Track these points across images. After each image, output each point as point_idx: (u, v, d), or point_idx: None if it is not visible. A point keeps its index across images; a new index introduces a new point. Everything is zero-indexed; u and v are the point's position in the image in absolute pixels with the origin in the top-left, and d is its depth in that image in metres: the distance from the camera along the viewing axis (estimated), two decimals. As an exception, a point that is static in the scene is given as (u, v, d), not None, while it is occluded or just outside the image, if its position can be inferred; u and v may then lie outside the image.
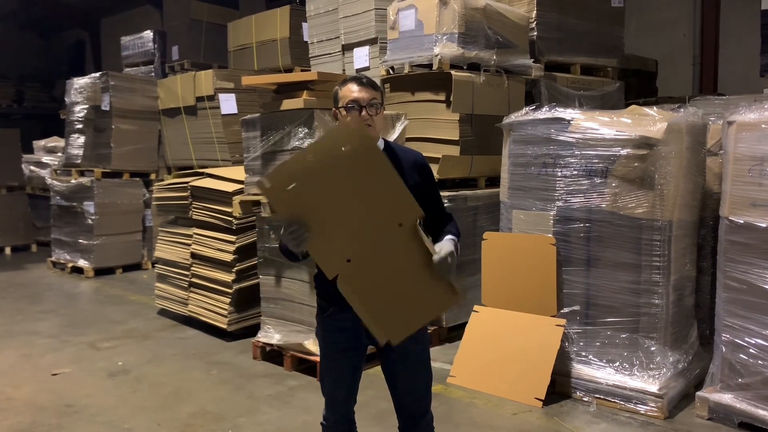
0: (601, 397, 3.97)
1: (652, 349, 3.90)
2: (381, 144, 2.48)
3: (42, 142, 11.16)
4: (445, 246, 2.29)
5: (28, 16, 15.66)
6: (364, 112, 2.41)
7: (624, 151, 3.87)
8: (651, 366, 3.88)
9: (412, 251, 2.27)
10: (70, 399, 4.21)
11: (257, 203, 4.83)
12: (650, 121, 3.90)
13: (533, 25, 5.97)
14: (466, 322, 4.60)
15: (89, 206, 8.11)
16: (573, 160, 4.08)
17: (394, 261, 2.28)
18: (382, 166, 2.17)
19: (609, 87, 6.63)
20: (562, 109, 4.25)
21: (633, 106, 4.33)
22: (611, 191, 3.93)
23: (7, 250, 9.98)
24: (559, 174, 4.14)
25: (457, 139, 5.23)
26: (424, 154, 5.61)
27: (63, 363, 4.91)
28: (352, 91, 2.43)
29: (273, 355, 4.83)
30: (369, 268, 2.25)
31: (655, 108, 4.11)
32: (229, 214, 5.25)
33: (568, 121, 4.13)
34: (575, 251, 4.12)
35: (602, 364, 4.05)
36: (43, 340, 5.54)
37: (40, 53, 16.96)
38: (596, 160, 3.98)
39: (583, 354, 4.12)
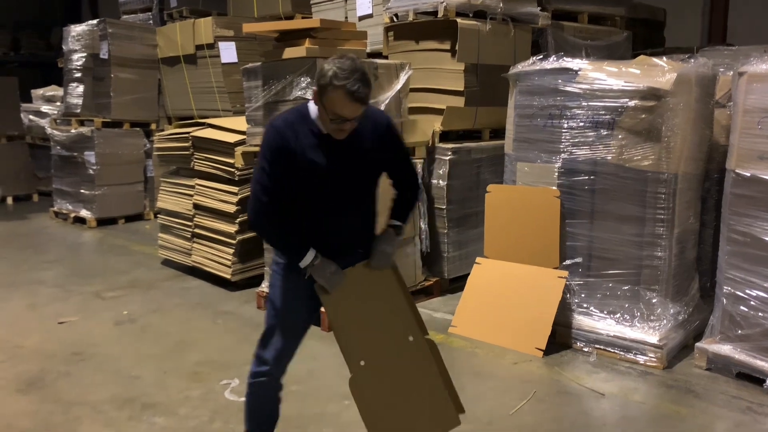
0: (602, 347, 4.02)
1: (653, 301, 3.93)
2: None
3: (40, 91, 11.00)
4: (383, 246, 2.49)
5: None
6: (346, 125, 2.25)
7: (632, 103, 3.82)
8: (651, 317, 3.92)
9: (418, 366, 2.52)
10: (77, 347, 4.27)
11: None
12: (659, 72, 3.83)
13: (541, -29, 5.83)
14: (467, 274, 4.63)
15: (90, 156, 8.06)
16: (579, 112, 4.03)
17: (401, 373, 2.50)
18: (400, 290, 2.53)
19: (616, 37, 6.52)
20: (569, 59, 4.18)
21: (641, 57, 4.25)
22: (617, 143, 3.90)
23: (9, 200, 9.96)
24: (565, 126, 4.09)
25: (462, 89, 5.16)
26: (428, 105, 5.56)
27: (69, 312, 4.96)
28: (341, 105, 2.18)
29: (277, 305, 4.87)
30: (379, 375, 2.46)
31: (664, 58, 4.04)
32: (231, 165, 5.22)
33: (576, 71, 4.06)
34: (579, 204, 4.11)
35: (603, 315, 4.09)
36: (48, 289, 5.59)
37: (35, -1, 16.59)
38: (603, 112, 3.94)
39: (585, 305, 4.16)
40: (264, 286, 4.96)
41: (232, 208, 5.30)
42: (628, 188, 3.92)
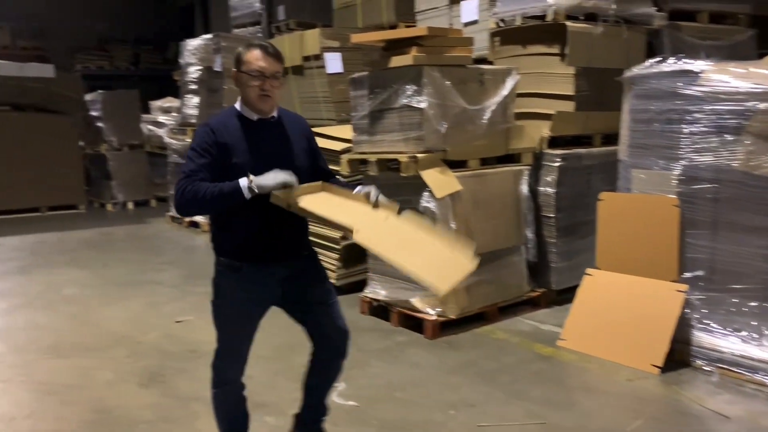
0: (725, 367, 3.76)
1: (785, 319, 3.64)
2: (275, 113, 2.58)
3: (158, 103, 11.72)
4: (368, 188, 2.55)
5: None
6: (266, 84, 2.44)
7: (762, 105, 3.56)
8: (783, 337, 3.63)
9: (415, 228, 2.51)
10: (193, 345, 4.47)
11: (364, 161, 4.86)
12: (794, 72, 3.56)
13: (657, -31, 5.56)
14: (575, 286, 4.47)
15: (203, 164, 8.46)
16: (701, 116, 3.80)
17: (402, 233, 2.46)
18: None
19: (739, 36, 6.10)
20: (690, 61, 3.96)
21: (771, 56, 3.97)
22: (745, 149, 3.65)
23: (130, 205, 10.67)
24: (686, 131, 3.87)
25: (572, 94, 5.00)
26: (536, 111, 5.45)
27: (185, 311, 5.22)
28: (258, 58, 2.43)
29: (380, 310, 4.92)
30: (377, 234, 2.41)
31: (799, 57, 3.75)
32: (337, 173, 5.31)
33: (697, 73, 3.84)
34: (700, 213, 3.87)
35: (726, 332, 3.83)
36: (165, 289, 5.91)
37: (153, 17, 17.70)
38: (728, 116, 3.70)
39: (705, 321, 3.91)
40: (367, 291, 5.01)
41: (337, 215, 5.39)
42: (757, 197, 3.65)
